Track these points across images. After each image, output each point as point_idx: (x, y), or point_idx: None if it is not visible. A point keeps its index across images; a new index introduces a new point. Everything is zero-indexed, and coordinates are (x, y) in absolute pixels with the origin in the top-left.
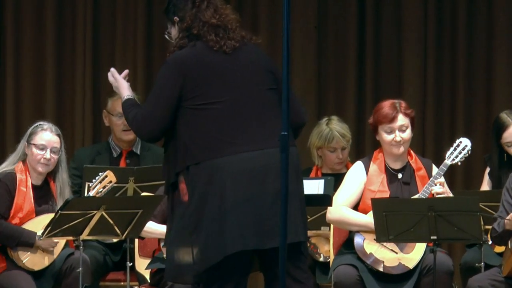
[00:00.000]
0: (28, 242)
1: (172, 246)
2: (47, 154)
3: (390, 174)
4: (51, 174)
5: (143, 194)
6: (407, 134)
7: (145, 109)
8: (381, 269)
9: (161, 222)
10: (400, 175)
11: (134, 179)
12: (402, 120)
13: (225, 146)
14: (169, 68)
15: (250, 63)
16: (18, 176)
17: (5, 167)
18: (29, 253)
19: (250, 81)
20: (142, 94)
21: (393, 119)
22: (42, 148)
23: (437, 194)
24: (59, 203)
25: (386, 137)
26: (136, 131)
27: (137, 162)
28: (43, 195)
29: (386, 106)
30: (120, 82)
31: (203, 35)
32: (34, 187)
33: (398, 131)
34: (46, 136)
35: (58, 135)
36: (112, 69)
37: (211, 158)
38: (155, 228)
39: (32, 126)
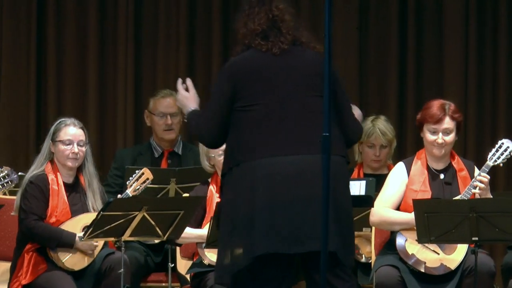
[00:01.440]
0: (68, 243)
1: (218, 247)
2: (75, 148)
3: (432, 174)
4: (80, 169)
5: (185, 195)
6: (451, 137)
7: (203, 116)
8: (422, 270)
9: (195, 226)
10: (442, 176)
11: (176, 180)
12: (448, 123)
13: (261, 148)
14: (220, 75)
15: (298, 67)
16: (49, 176)
17: (34, 169)
18: (68, 253)
19: (294, 85)
20: None
21: (439, 120)
22: (69, 143)
23: (478, 188)
24: (89, 196)
25: (429, 137)
26: (199, 139)
27: (178, 162)
28: (75, 192)
29: (435, 106)
30: (192, 94)
31: (251, 43)
32: (66, 185)
33: (442, 133)
34: (71, 130)
35: (81, 128)
36: (188, 80)
37: (248, 160)
38: (189, 233)
39: (54, 124)
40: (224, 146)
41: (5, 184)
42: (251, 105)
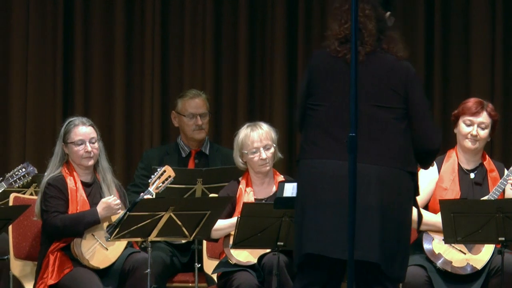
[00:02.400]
0: (93, 220)
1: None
2: (88, 147)
3: (462, 174)
4: (95, 167)
5: (211, 195)
6: (485, 133)
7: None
8: (449, 270)
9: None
10: (472, 175)
11: (202, 180)
12: (485, 117)
13: (315, 149)
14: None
15: (370, 77)
16: (67, 178)
17: (50, 173)
18: (93, 252)
19: (359, 94)
20: (211, 93)
21: (476, 113)
22: (81, 143)
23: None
24: (104, 190)
25: (464, 129)
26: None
27: (205, 162)
28: (94, 190)
29: (473, 100)
30: None
31: (329, 45)
32: (85, 184)
33: (478, 126)
34: (81, 130)
35: (91, 125)
36: None
37: (303, 158)
38: (223, 224)
39: (64, 126)
40: (255, 143)
41: (21, 177)
42: (318, 104)
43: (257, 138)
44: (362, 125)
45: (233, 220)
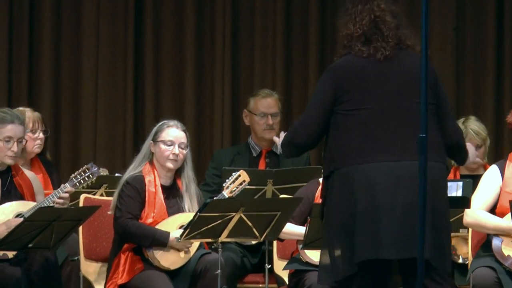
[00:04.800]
0: (161, 242)
1: (322, 249)
2: (176, 150)
3: None
4: (178, 172)
5: (282, 196)
6: None
7: (301, 116)
8: None
9: (300, 223)
10: None
11: (273, 181)
12: None
13: (361, 154)
14: (324, 76)
15: (402, 73)
16: (146, 178)
17: (132, 170)
18: (164, 253)
19: (398, 92)
20: (282, 93)
21: None
22: (170, 144)
23: None
24: (186, 199)
25: None
26: (291, 139)
27: (276, 162)
28: (172, 194)
29: None
30: None
31: (352, 48)
32: (163, 187)
33: None
34: (173, 132)
35: (184, 130)
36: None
37: (348, 165)
38: (292, 230)
39: (157, 125)
40: None
41: (86, 178)
42: (354, 110)
43: None
44: (406, 122)
45: (302, 230)
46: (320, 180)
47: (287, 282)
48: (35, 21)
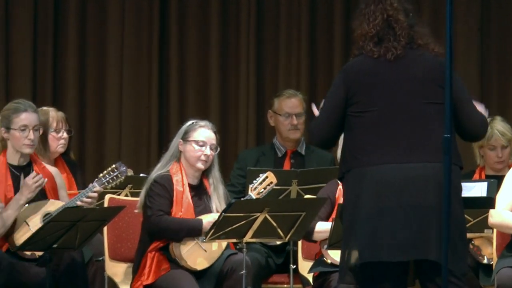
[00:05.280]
0: (196, 229)
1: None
2: (207, 151)
3: None
4: (204, 172)
5: (306, 196)
6: None
7: (318, 117)
8: None
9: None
10: None
11: (298, 181)
12: None
13: (370, 156)
14: (337, 77)
15: (413, 74)
16: (174, 177)
17: (160, 169)
18: (191, 253)
19: (406, 92)
20: (307, 93)
21: None
22: (202, 144)
23: None
24: (213, 199)
25: None
26: (310, 138)
27: (301, 162)
28: (199, 194)
29: None
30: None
31: (364, 48)
32: (191, 186)
33: None
34: (205, 132)
35: (214, 132)
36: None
37: (358, 166)
38: (325, 228)
39: (187, 124)
40: None
41: (114, 177)
42: (365, 111)
43: None
44: (415, 123)
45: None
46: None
47: (311, 283)
48: (59, 21)
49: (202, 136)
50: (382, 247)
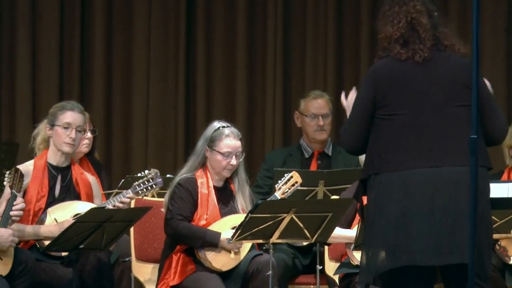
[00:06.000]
0: (212, 242)
1: (362, 249)
2: (233, 161)
3: None
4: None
5: (333, 197)
6: None
7: (347, 122)
8: None
9: (345, 226)
10: None
11: (324, 182)
12: None
13: (399, 160)
14: (364, 80)
15: (441, 76)
16: (199, 180)
17: (185, 172)
18: (216, 254)
19: (436, 95)
20: (333, 94)
21: None
22: (228, 155)
23: None
24: (239, 199)
25: None
26: (341, 145)
27: (328, 163)
28: (224, 195)
29: None
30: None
31: (391, 51)
32: (216, 188)
33: None
34: (231, 142)
35: (240, 139)
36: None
37: (386, 171)
38: (339, 233)
39: (213, 130)
40: None
41: (149, 187)
42: (393, 114)
43: None
44: (445, 126)
45: (351, 233)
46: None
47: (338, 284)
48: (86, 21)
49: (227, 147)
50: (414, 252)
